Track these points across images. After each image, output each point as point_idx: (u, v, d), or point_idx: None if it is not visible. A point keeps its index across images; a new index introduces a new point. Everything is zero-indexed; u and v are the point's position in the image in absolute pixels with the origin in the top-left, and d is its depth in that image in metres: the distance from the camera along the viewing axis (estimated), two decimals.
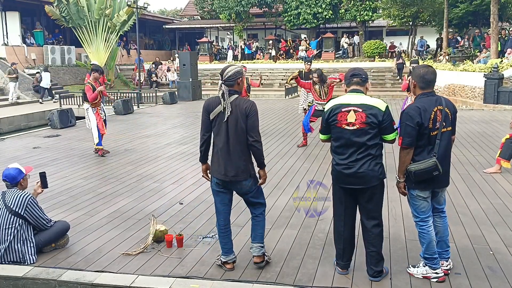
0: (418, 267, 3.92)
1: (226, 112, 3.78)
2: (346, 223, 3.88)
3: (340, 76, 9.01)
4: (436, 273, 3.81)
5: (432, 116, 3.61)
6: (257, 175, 3.99)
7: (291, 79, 9.69)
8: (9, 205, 4.31)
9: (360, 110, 3.62)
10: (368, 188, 3.70)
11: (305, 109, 11.00)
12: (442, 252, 3.92)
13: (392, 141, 3.75)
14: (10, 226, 4.31)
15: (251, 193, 3.96)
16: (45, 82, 20.89)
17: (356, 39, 32.52)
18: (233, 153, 3.83)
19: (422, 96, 3.70)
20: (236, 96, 3.84)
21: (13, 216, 4.31)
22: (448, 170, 3.79)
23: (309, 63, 11.12)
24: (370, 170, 3.65)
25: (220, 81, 3.89)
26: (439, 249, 3.90)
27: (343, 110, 3.68)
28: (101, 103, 9.15)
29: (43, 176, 4.72)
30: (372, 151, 3.65)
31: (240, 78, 3.86)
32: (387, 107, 3.68)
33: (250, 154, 3.90)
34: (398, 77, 23.93)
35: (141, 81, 23.00)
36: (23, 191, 4.43)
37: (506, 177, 6.86)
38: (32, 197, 4.42)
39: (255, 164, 3.96)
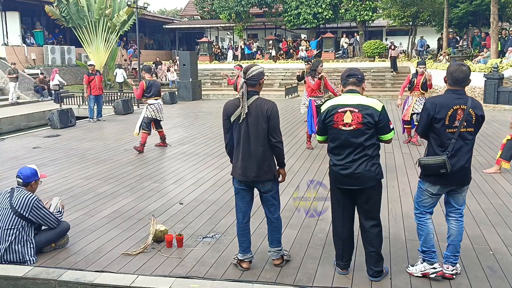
0: (416, 265, 3.92)
1: (242, 114, 3.77)
2: (345, 223, 3.89)
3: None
4: (434, 267, 3.80)
5: (450, 113, 3.61)
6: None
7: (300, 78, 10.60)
8: (14, 205, 4.31)
9: (356, 110, 3.62)
10: (365, 189, 3.70)
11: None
12: (450, 256, 3.87)
13: (389, 141, 3.75)
14: (12, 227, 4.31)
15: (272, 192, 3.97)
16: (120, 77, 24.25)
17: (356, 38, 32.50)
18: (255, 155, 3.82)
19: (447, 92, 3.73)
20: (256, 97, 3.84)
21: (16, 217, 4.31)
22: (465, 169, 3.72)
23: (309, 63, 11.40)
24: (367, 171, 3.65)
25: (242, 80, 3.87)
26: (448, 252, 3.87)
27: (339, 110, 3.67)
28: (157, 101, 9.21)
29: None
30: (369, 151, 3.65)
31: (263, 79, 3.87)
32: (383, 107, 3.67)
33: (272, 154, 3.89)
34: (393, 69, 25.74)
35: (136, 69, 22.86)
36: (30, 193, 4.43)
37: (506, 177, 6.86)
38: (37, 199, 4.41)
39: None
